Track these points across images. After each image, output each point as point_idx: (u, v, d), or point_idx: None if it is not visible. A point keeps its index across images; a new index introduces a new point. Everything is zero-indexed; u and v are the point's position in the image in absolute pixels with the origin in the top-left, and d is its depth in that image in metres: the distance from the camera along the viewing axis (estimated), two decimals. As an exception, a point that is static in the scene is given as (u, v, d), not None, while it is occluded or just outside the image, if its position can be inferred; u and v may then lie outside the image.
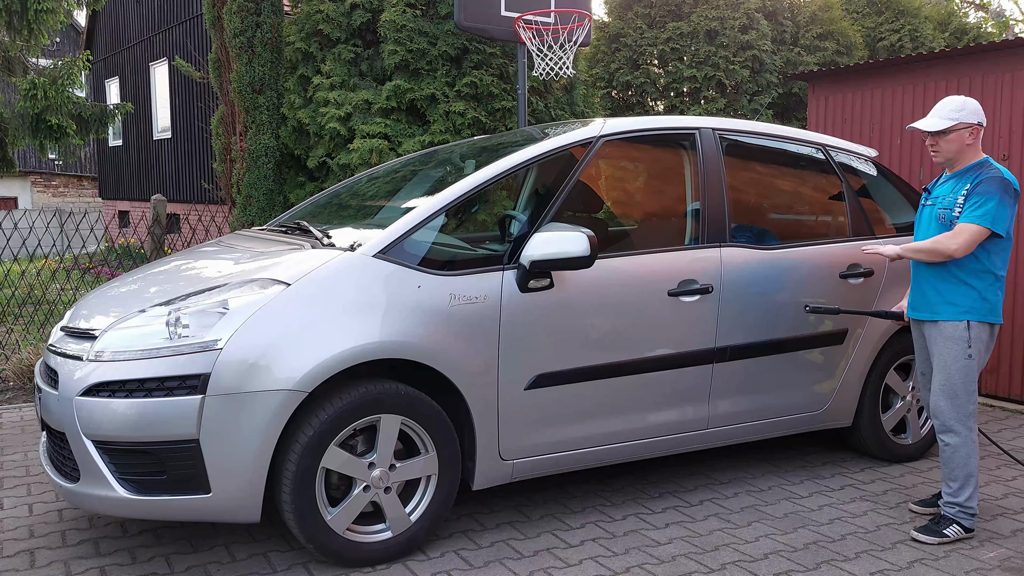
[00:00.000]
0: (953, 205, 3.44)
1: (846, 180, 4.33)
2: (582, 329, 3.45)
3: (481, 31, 6.50)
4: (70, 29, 23.03)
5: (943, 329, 3.47)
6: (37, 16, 9.80)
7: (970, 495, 3.46)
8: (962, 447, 3.44)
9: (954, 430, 3.45)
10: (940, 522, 3.49)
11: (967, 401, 3.44)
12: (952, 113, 3.45)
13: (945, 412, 3.46)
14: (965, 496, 3.46)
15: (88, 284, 8.71)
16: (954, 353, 3.43)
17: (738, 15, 9.42)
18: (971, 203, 3.38)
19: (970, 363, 3.42)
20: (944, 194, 3.52)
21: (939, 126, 3.45)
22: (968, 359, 3.42)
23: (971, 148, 3.48)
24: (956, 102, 3.47)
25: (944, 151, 3.49)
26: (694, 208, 3.87)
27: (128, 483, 2.90)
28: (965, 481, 3.45)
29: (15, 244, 14.86)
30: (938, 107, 3.51)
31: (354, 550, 3.12)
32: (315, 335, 2.97)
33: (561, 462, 3.53)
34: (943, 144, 3.48)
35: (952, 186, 3.50)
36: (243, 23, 7.89)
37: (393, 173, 4.38)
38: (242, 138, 8.22)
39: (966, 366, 3.42)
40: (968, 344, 3.42)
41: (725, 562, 3.24)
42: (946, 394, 3.46)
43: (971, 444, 3.45)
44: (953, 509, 3.49)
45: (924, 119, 3.53)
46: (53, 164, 23.16)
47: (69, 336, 3.23)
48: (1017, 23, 19.77)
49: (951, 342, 3.44)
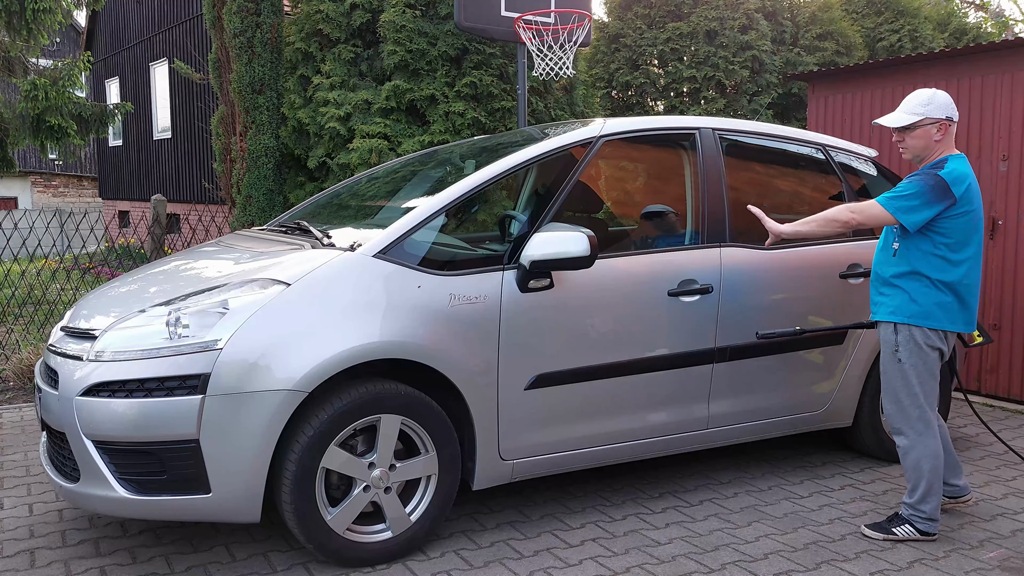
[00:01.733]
0: None
1: (846, 180, 4.33)
2: (582, 329, 3.45)
3: (481, 31, 6.50)
4: (70, 29, 23.03)
5: (878, 330, 3.48)
6: (36, 16, 9.80)
7: (923, 497, 3.38)
8: (911, 450, 3.38)
9: (902, 432, 3.40)
10: (893, 520, 3.46)
11: (911, 405, 3.35)
12: (918, 108, 3.31)
13: (890, 414, 3.44)
14: (917, 498, 3.40)
15: (88, 284, 8.71)
16: (885, 355, 3.42)
17: (738, 15, 9.42)
18: (897, 187, 3.31)
19: (901, 367, 3.34)
20: None
21: (904, 121, 3.33)
22: (898, 363, 3.35)
23: (940, 144, 3.34)
24: (923, 96, 3.32)
25: (911, 147, 3.37)
26: (694, 208, 3.87)
27: (128, 483, 2.90)
28: (916, 483, 3.39)
29: (15, 244, 14.86)
30: (905, 101, 3.37)
31: (354, 550, 3.12)
32: (315, 335, 2.97)
33: (561, 462, 3.53)
34: (909, 140, 3.35)
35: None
36: (243, 23, 7.89)
37: (393, 173, 4.38)
38: (242, 138, 8.22)
39: (899, 370, 3.35)
40: (895, 347, 3.36)
41: (725, 562, 3.24)
42: (888, 397, 3.42)
43: (922, 448, 3.36)
44: (907, 510, 3.44)
45: (889, 115, 3.40)
46: (53, 164, 23.16)
47: (69, 336, 3.23)
48: (1017, 23, 19.77)
49: (883, 344, 3.44)
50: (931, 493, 3.39)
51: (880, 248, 3.52)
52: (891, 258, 3.40)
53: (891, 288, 3.39)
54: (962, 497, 3.70)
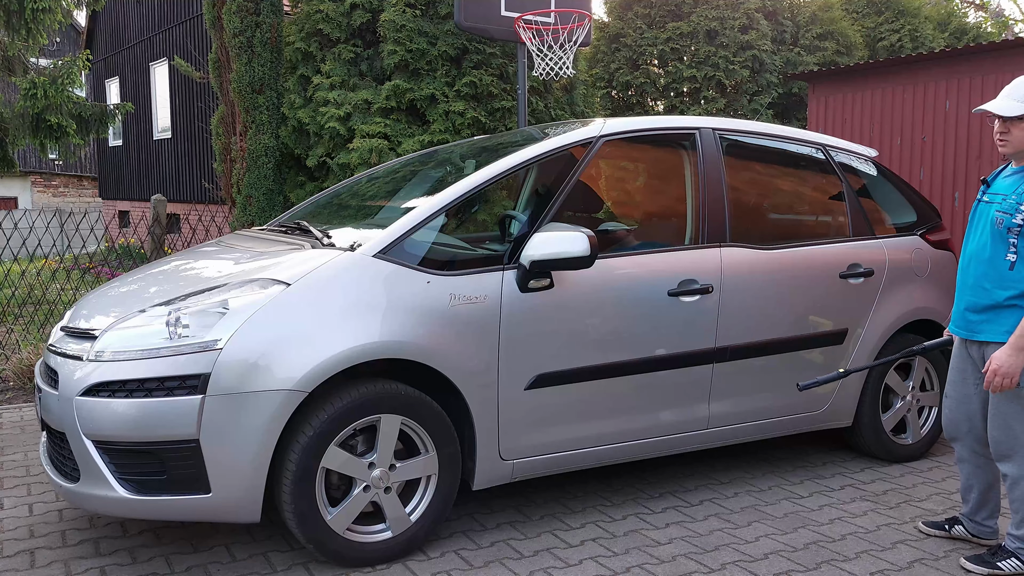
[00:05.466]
0: (1015, 210, 2.96)
1: (846, 180, 4.33)
2: (582, 329, 3.45)
3: (481, 31, 6.50)
4: (70, 29, 23.03)
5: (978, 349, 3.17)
6: (35, 15, 9.80)
7: None
8: (1022, 479, 3.08)
9: (1011, 459, 3.10)
10: (998, 553, 3.15)
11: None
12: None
13: (998, 441, 3.13)
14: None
15: (88, 284, 8.71)
16: None
17: (738, 15, 9.42)
18: None
19: (1019, 392, 3.05)
20: (1006, 192, 3.03)
21: (1015, 111, 2.92)
22: (1018, 387, 3.04)
23: None
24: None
25: (1015, 140, 2.96)
26: (694, 208, 3.87)
27: (128, 483, 2.90)
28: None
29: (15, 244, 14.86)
30: (1012, 88, 2.95)
31: (354, 550, 3.12)
32: (315, 335, 2.97)
33: (561, 462, 3.53)
34: (1016, 132, 2.95)
35: (1016, 183, 3.02)
36: (243, 23, 7.89)
37: (393, 173, 4.38)
38: (242, 138, 8.22)
39: (1016, 395, 3.06)
40: None
41: (725, 562, 3.24)
42: (996, 422, 3.12)
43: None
44: (1014, 543, 3.14)
45: (994, 101, 3.01)
46: (53, 164, 23.16)
47: (69, 336, 3.23)
48: (1017, 23, 19.77)
49: None
50: None
51: (983, 256, 3.09)
52: (1007, 272, 3.01)
53: (1010, 305, 3.02)
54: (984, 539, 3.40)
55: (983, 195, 3.15)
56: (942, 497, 3.92)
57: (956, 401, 3.32)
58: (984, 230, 3.09)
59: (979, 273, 3.10)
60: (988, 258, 3.07)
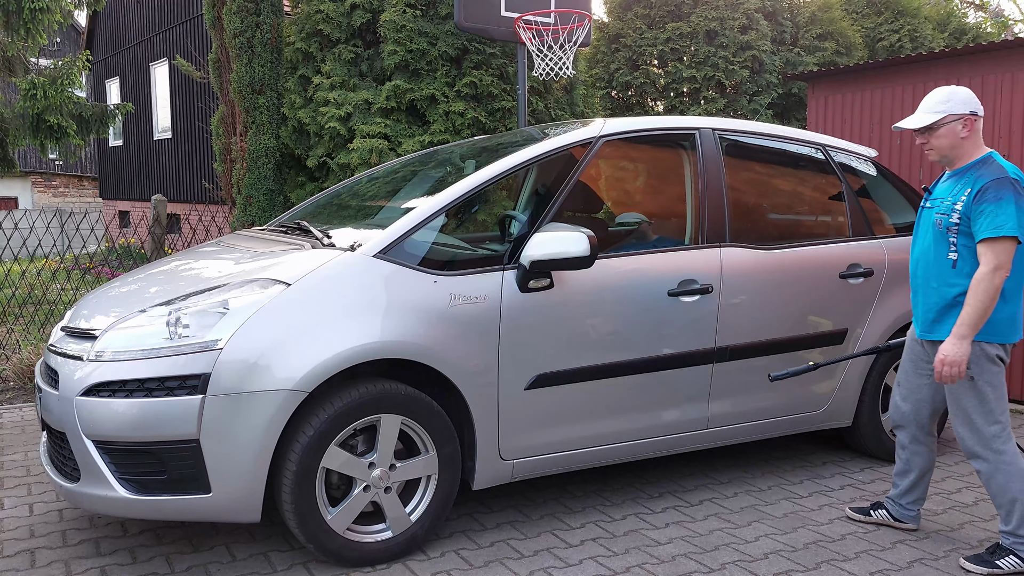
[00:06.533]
0: (951, 211, 3.13)
1: (846, 180, 4.33)
2: (582, 329, 3.45)
3: (481, 31, 6.50)
4: (70, 29, 23.04)
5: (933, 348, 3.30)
6: (34, 16, 9.81)
7: (1021, 522, 3.11)
8: (994, 474, 3.15)
9: (979, 455, 3.17)
10: (995, 551, 3.18)
11: (986, 423, 3.14)
12: (939, 105, 3.13)
13: (963, 437, 3.22)
14: (1015, 523, 3.13)
15: (88, 284, 8.71)
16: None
17: (738, 15, 9.42)
18: (983, 213, 3.01)
19: (974, 385, 3.15)
20: (943, 196, 3.20)
21: (925, 121, 3.14)
22: (970, 380, 3.16)
23: (968, 142, 3.14)
24: (942, 93, 3.15)
25: (937, 148, 3.18)
26: (694, 208, 3.87)
27: (128, 483, 2.91)
28: (1010, 508, 3.13)
29: (15, 244, 14.86)
30: (924, 101, 3.19)
31: (354, 550, 3.12)
32: (315, 335, 2.97)
33: (561, 462, 3.53)
34: (934, 141, 3.16)
35: (951, 187, 3.18)
36: (243, 23, 7.89)
37: (393, 173, 4.38)
38: (242, 138, 8.22)
39: (972, 388, 3.16)
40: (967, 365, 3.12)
41: (725, 562, 3.24)
42: (959, 419, 3.22)
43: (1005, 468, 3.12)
44: (1008, 539, 3.17)
45: (910, 116, 3.22)
46: (53, 164, 23.17)
47: (69, 336, 3.23)
48: (1017, 23, 19.77)
49: None
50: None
51: (928, 258, 3.24)
52: (950, 270, 3.14)
53: (959, 303, 3.11)
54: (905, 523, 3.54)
55: (926, 201, 3.33)
56: (941, 497, 3.93)
57: (907, 390, 3.46)
58: (927, 233, 3.26)
59: (927, 274, 3.25)
60: (933, 259, 3.23)
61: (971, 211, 3.06)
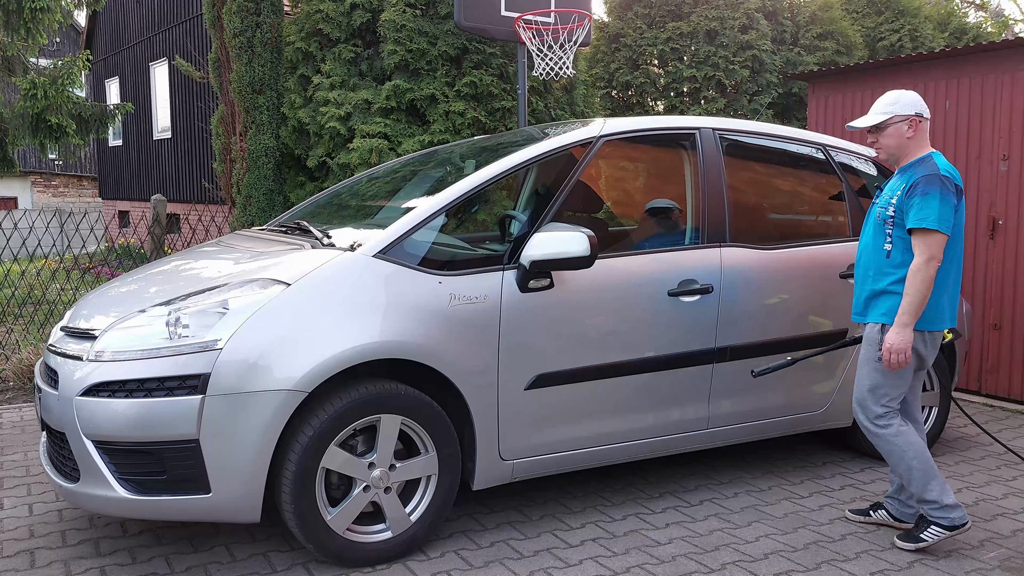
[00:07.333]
0: (888, 204, 3.34)
1: (846, 180, 4.33)
2: (582, 329, 3.45)
3: (481, 31, 6.50)
4: (70, 29, 23.03)
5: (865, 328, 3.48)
6: (33, 15, 9.80)
7: (923, 486, 3.29)
8: (883, 444, 3.37)
9: (868, 428, 3.40)
10: (918, 525, 3.38)
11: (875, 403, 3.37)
12: (887, 107, 3.36)
13: (856, 410, 3.46)
14: (916, 488, 3.31)
15: (88, 284, 8.71)
16: (866, 352, 3.41)
17: (738, 15, 9.42)
18: (912, 206, 3.22)
19: (879, 365, 3.34)
20: (887, 191, 3.42)
21: (873, 120, 3.37)
22: (877, 362, 3.34)
23: (913, 142, 3.35)
24: (890, 96, 3.38)
25: (885, 147, 3.39)
26: (694, 208, 3.87)
27: (128, 483, 2.90)
28: (908, 475, 3.31)
29: (15, 244, 14.86)
30: (875, 103, 3.42)
31: (354, 550, 3.12)
32: (315, 335, 2.97)
33: (561, 462, 3.53)
34: (882, 140, 3.38)
35: (896, 183, 3.39)
36: (243, 23, 7.89)
37: (393, 173, 4.38)
38: (242, 138, 8.22)
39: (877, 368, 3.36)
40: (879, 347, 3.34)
41: (725, 562, 3.24)
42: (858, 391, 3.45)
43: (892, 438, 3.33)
44: (922, 507, 3.37)
45: (862, 116, 3.46)
46: (53, 164, 23.16)
47: (69, 336, 3.23)
48: (1017, 23, 19.77)
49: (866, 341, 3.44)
50: (929, 478, 3.30)
51: (868, 248, 3.44)
52: (884, 259, 3.35)
53: (889, 291, 3.32)
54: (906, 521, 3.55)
55: (876, 198, 3.53)
56: (942, 497, 3.92)
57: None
58: (870, 226, 3.47)
59: (866, 264, 3.45)
60: (872, 250, 3.43)
61: (904, 204, 3.28)
